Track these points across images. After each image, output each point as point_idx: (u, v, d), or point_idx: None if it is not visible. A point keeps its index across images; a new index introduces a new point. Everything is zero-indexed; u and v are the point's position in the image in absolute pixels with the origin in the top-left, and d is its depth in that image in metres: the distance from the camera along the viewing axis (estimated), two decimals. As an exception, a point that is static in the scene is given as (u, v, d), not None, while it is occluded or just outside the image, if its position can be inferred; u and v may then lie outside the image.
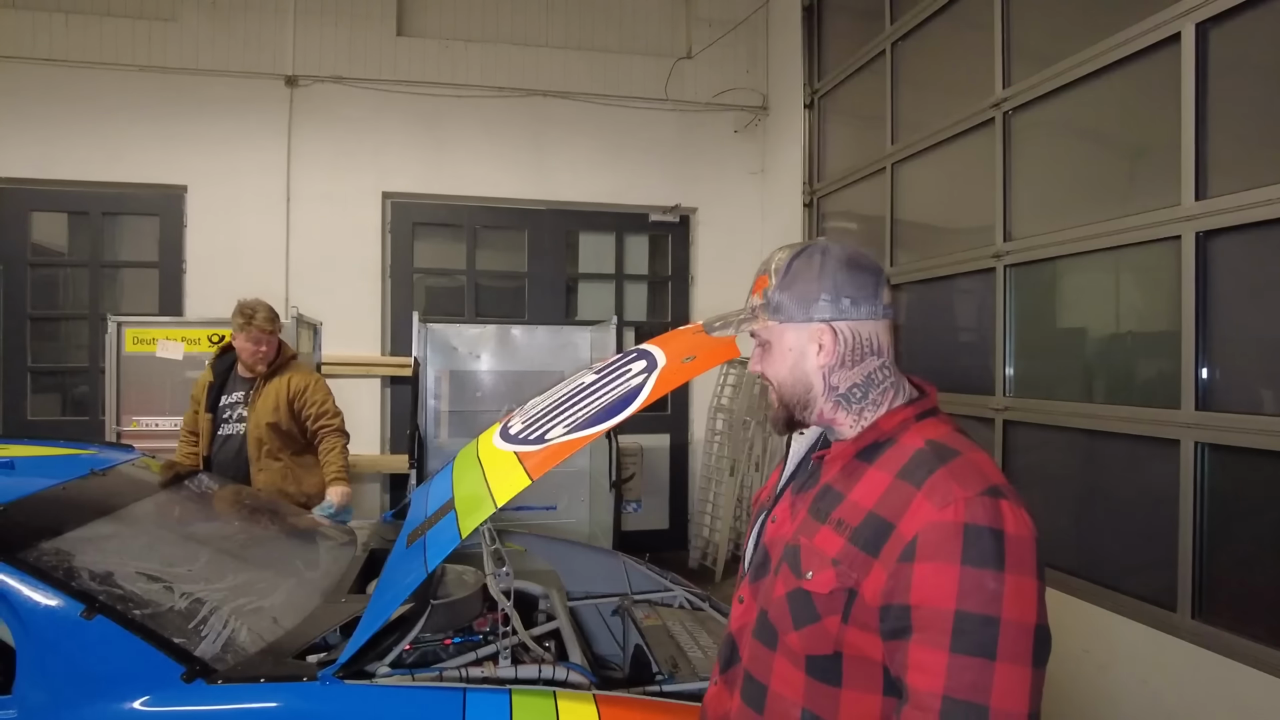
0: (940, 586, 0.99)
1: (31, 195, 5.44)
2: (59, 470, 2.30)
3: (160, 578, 1.97)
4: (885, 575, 1.04)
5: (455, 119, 5.85)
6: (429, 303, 6.11)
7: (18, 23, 5.29)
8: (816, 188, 5.50)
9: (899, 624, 1.02)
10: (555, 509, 4.99)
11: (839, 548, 1.09)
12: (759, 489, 1.43)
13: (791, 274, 1.20)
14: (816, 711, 1.11)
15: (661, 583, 3.27)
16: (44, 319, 5.58)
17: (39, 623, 1.67)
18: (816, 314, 1.17)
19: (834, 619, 1.08)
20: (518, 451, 2.10)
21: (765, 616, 1.19)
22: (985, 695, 0.96)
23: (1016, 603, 0.99)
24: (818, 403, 1.20)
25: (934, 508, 1.03)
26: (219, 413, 3.70)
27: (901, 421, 1.17)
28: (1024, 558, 1.01)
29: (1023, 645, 0.98)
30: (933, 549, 1.01)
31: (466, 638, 2.32)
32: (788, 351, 1.20)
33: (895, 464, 1.11)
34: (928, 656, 0.99)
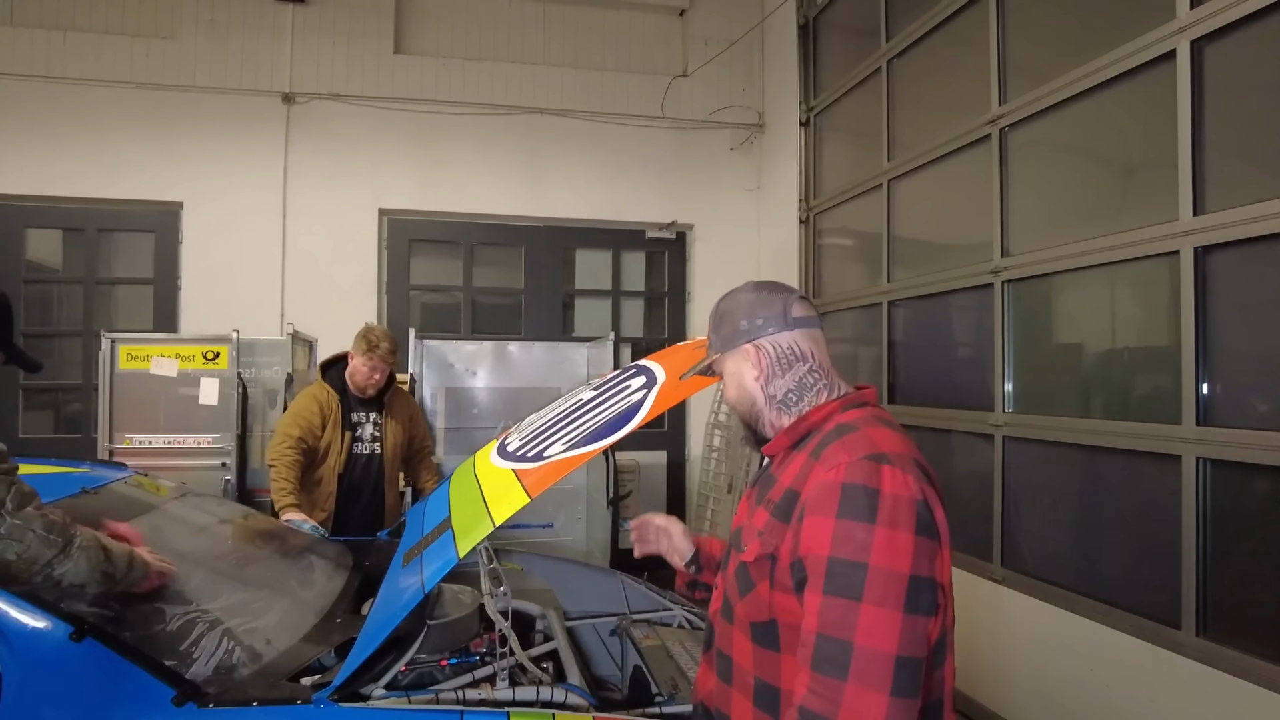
0: (818, 537, 1.13)
1: (27, 212, 5.43)
2: (50, 488, 2.26)
3: (151, 599, 1.93)
4: (790, 536, 1.19)
5: (452, 136, 5.86)
6: (425, 319, 6.09)
7: (15, 40, 5.29)
8: (813, 204, 5.51)
9: (799, 576, 1.16)
10: (553, 527, 4.94)
11: (764, 521, 1.26)
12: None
13: (719, 315, 1.44)
14: (764, 678, 1.25)
15: (660, 602, 3.23)
16: (37, 336, 5.54)
17: (26, 645, 1.63)
18: (740, 338, 1.38)
19: (764, 585, 1.22)
20: (516, 469, 2.08)
21: (725, 596, 1.34)
22: (851, 632, 1.07)
23: (887, 552, 1.09)
24: (765, 413, 1.38)
25: (823, 471, 1.17)
26: (352, 430, 3.66)
27: (827, 414, 1.31)
28: (899, 514, 1.11)
29: (891, 591, 1.07)
30: (815, 504, 1.15)
31: (463, 658, 2.28)
32: (732, 376, 1.41)
33: (811, 447, 1.27)
34: (811, 599, 1.12)
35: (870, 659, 1.05)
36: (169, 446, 4.28)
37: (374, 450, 3.70)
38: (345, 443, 3.61)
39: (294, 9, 5.58)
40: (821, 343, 1.40)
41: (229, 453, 4.29)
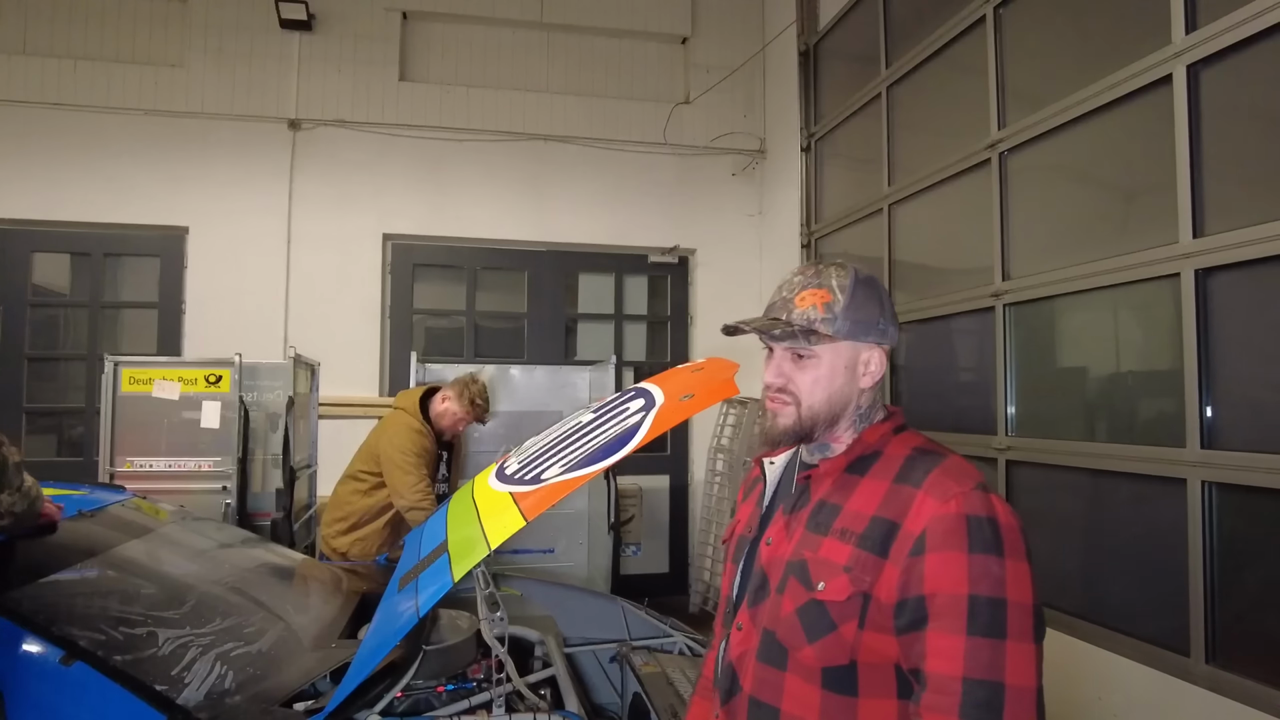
0: (952, 574, 1.06)
1: (34, 236, 5.48)
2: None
3: (144, 622, 1.92)
4: (898, 572, 1.09)
5: (456, 162, 5.90)
6: (429, 344, 6.10)
7: (27, 68, 5.37)
8: (814, 229, 5.53)
9: (915, 615, 1.07)
10: (553, 552, 4.91)
11: (848, 555, 1.14)
12: (729, 525, 1.47)
13: (857, 296, 1.23)
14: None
15: (661, 629, 3.20)
16: (42, 359, 5.57)
17: (15, 669, 1.62)
18: (875, 337, 1.25)
19: (850, 625, 1.12)
20: (513, 492, 2.06)
21: (772, 637, 1.20)
22: (1000, 673, 1.02)
23: (1017, 585, 1.06)
24: (844, 420, 1.26)
25: (937, 502, 1.10)
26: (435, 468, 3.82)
27: (882, 436, 1.25)
28: (1017, 543, 1.09)
29: (1026, 624, 1.05)
30: (941, 539, 1.07)
31: (460, 685, 2.25)
32: (842, 369, 1.24)
33: (888, 472, 1.19)
34: (945, 642, 1.04)
35: (1020, 698, 1.03)
36: (170, 470, 4.27)
37: (443, 490, 3.88)
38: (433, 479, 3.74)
39: (300, 37, 5.66)
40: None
41: (230, 476, 4.27)
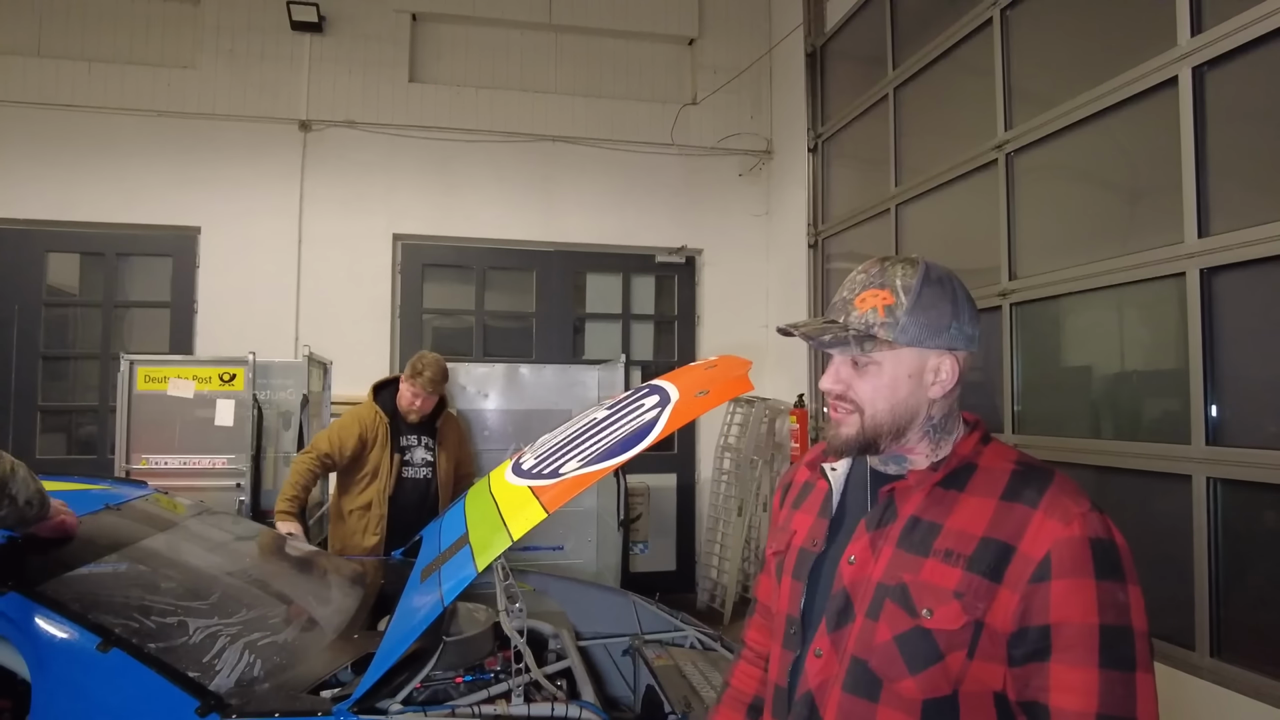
0: (1081, 602, 0.99)
1: (48, 236, 5.53)
2: (74, 504, 2.30)
3: (175, 612, 1.97)
4: (1016, 599, 1.01)
5: (466, 163, 5.95)
6: (438, 343, 6.15)
7: (41, 70, 5.43)
8: (821, 229, 5.57)
9: (1037, 645, 1.00)
10: (563, 549, 4.95)
11: (957, 579, 1.05)
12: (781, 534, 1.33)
13: (925, 297, 1.12)
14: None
15: (672, 623, 3.24)
16: (56, 358, 5.63)
17: (55, 655, 1.67)
18: (945, 342, 1.13)
19: (959, 655, 1.04)
20: (532, 486, 2.10)
21: (864, 666, 1.10)
22: (1133, 707, 0.97)
23: (1139, 611, 1.01)
24: (912, 432, 1.15)
25: (1059, 524, 1.02)
26: (401, 453, 3.71)
27: (974, 447, 1.16)
28: (1132, 567, 1.04)
29: (1148, 652, 1.00)
30: (1068, 566, 1.00)
31: (479, 676, 2.29)
32: (905, 378, 1.14)
33: (991, 488, 1.10)
34: (1076, 675, 0.98)
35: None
36: (185, 467, 4.33)
37: (426, 475, 3.77)
38: (394, 465, 3.65)
39: (311, 39, 5.71)
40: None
41: (244, 473, 4.33)
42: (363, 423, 3.61)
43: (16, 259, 5.51)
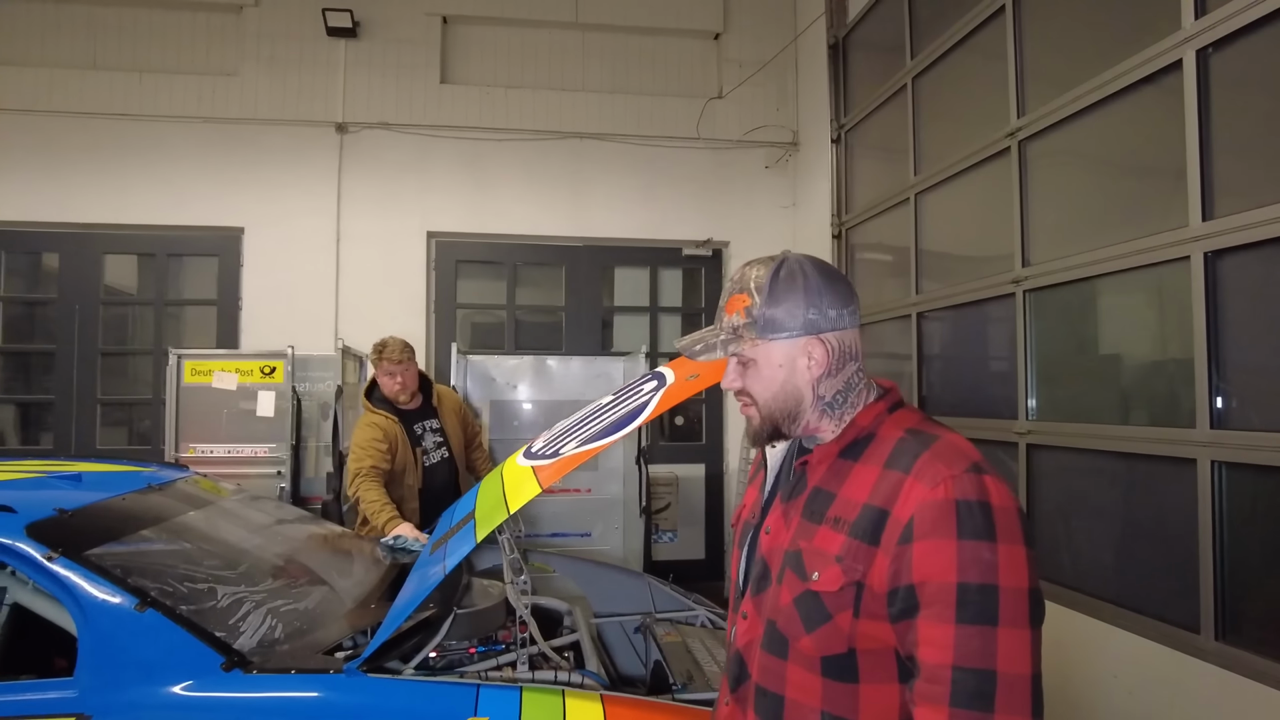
0: (940, 562, 1.04)
1: (105, 239, 5.86)
2: (121, 484, 2.51)
3: (206, 579, 2.14)
4: (888, 561, 1.08)
5: (496, 161, 6.11)
6: (474, 338, 6.35)
7: (96, 82, 5.74)
8: (845, 220, 5.61)
9: (906, 604, 1.07)
10: (590, 535, 5.09)
11: (840, 544, 1.13)
12: (736, 508, 1.46)
13: (777, 291, 1.21)
14: (836, 712, 1.14)
15: (684, 603, 3.35)
16: (114, 355, 5.95)
17: (99, 613, 1.85)
18: (807, 328, 1.21)
19: (845, 615, 1.12)
20: (534, 466, 2.24)
21: (774, 627, 1.20)
22: (992, 661, 1.01)
23: (1011, 570, 1.04)
24: (805, 414, 1.24)
25: (925, 488, 1.08)
26: (418, 445, 3.79)
27: (876, 416, 1.23)
28: (1011, 526, 1.06)
29: (1020, 610, 1.03)
30: (929, 526, 1.06)
31: (490, 647, 2.43)
32: (778, 368, 1.22)
33: (880, 456, 1.16)
34: (935, 631, 1.03)
35: (1013, 685, 1.02)
36: (229, 456, 4.57)
37: (443, 455, 3.89)
38: (418, 460, 3.75)
39: (346, 44, 5.93)
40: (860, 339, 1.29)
41: (284, 461, 4.55)
42: (382, 428, 3.64)
43: (77, 261, 5.85)
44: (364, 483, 3.42)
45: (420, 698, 1.87)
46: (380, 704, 1.83)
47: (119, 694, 1.78)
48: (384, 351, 3.69)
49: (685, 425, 6.64)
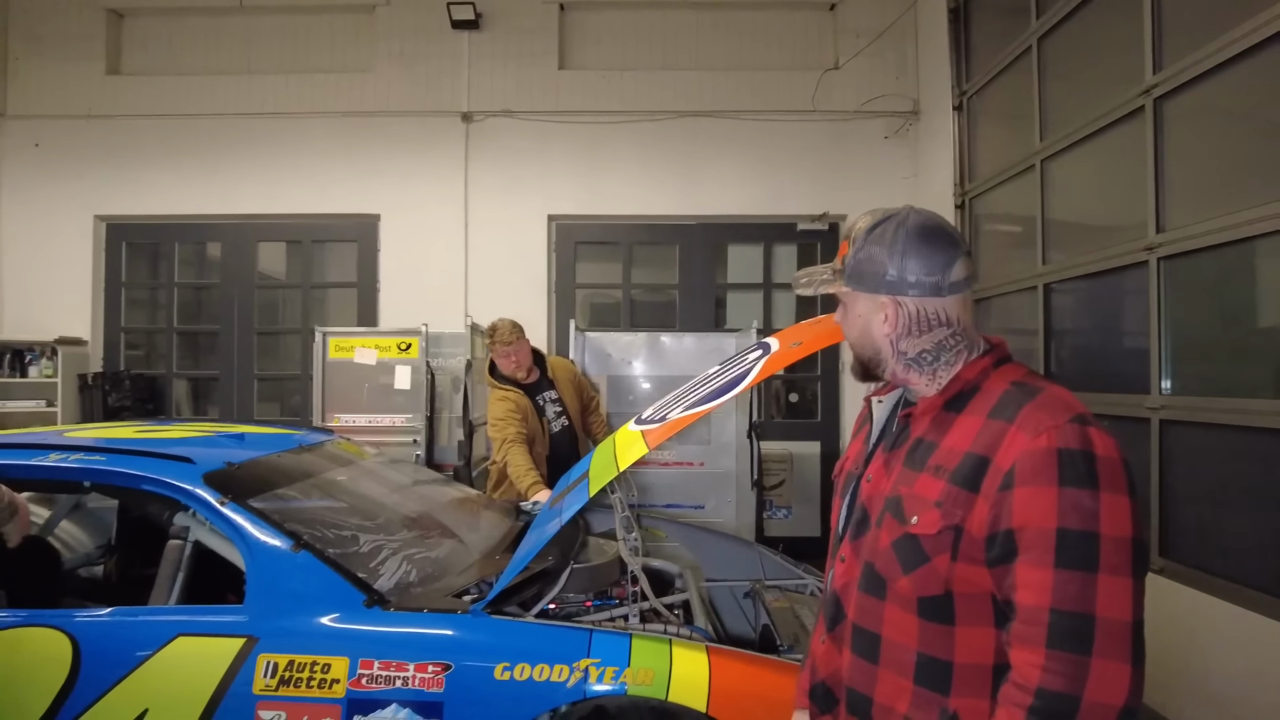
0: (1040, 508, 1.06)
1: (259, 228, 6.43)
2: (276, 444, 2.82)
3: (349, 528, 2.39)
4: (988, 507, 1.11)
5: (612, 144, 6.26)
6: (592, 317, 6.56)
7: (250, 85, 6.28)
8: (968, 189, 5.42)
9: (1004, 549, 1.09)
10: (703, 508, 5.18)
11: (940, 490, 1.16)
12: (839, 461, 1.50)
13: (867, 244, 1.25)
14: (931, 652, 1.17)
15: (795, 572, 3.39)
16: (267, 334, 6.53)
17: (261, 552, 2.11)
18: (882, 288, 1.24)
19: (943, 558, 1.15)
20: (643, 430, 2.35)
21: (872, 569, 1.25)
22: (1090, 605, 1.03)
23: (1113, 518, 1.05)
24: (888, 364, 1.29)
25: (1028, 437, 1.10)
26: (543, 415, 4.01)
27: (981, 370, 1.24)
28: (1115, 476, 1.07)
29: (1122, 558, 1.05)
30: (1030, 474, 1.08)
31: (604, 601, 2.58)
32: (857, 317, 1.29)
33: (984, 407, 1.19)
34: (1033, 574, 1.06)
35: (1113, 630, 1.03)
36: (370, 425, 4.96)
37: (564, 423, 4.09)
38: (545, 428, 3.98)
39: (469, 35, 6.21)
40: (969, 303, 1.27)
41: (419, 430, 4.90)
42: (514, 401, 3.88)
43: (235, 249, 6.45)
44: (512, 448, 3.68)
45: (537, 638, 2.03)
46: (501, 642, 2.00)
47: (279, 621, 2.03)
48: (495, 334, 3.92)
49: (800, 403, 6.62)
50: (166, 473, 2.25)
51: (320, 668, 1.96)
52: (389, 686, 1.94)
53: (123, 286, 6.53)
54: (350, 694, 1.94)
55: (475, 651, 1.98)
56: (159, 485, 2.23)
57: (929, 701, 1.17)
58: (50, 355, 5.99)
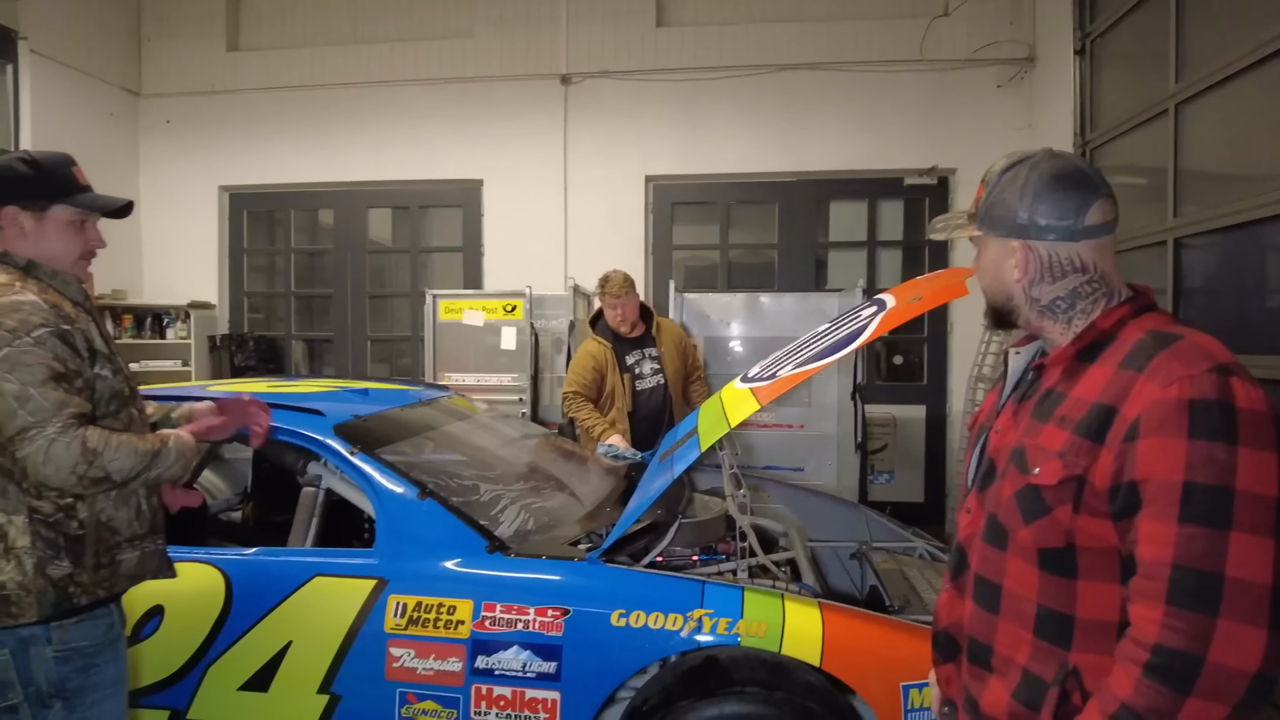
0: (1166, 460, 1.01)
1: (368, 195, 6.67)
2: (398, 399, 2.96)
3: (469, 478, 2.49)
4: (1112, 458, 1.07)
5: (709, 100, 6.17)
6: (688, 279, 6.54)
7: (357, 55, 6.48)
8: (1089, 138, 5.10)
9: (1127, 502, 1.05)
10: (804, 470, 5.15)
11: (1064, 441, 1.13)
12: (974, 413, 1.47)
13: (1000, 187, 1.23)
14: (1052, 605, 1.15)
15: (903, 535, 3.34)
16: (378, 297, 6.81)
17: (389, 499, 2.23)
18: (1013, 232, 1.21)
19: (1064, 509, 1.11)
20: (752, 387, 2.35)
21: (994, 520, 1.23)
22: (1219, 563, 0.97)
23: (1253, 475, 0.99)
24: (1021, 310, 1.26)
25: (1157, 387, 1.04)
26: (630, 371, 4.09)
27: (1119, 319, 1.18)
28: (1258, 431, 1.01)
29: (1262, 517, 0.98)
30: (1156, 425, 1.03)
31: (711, 556, 2.61)
32: (990, 262, 1.27)
33: (1116, 357, 1.14)
34: (1155, 527, 1.01)
35: (1245, 592, 0.96)
36: (478, 384, 5.12)
37: (658, 382, 4.13)
38: (627, 385, 4.03)
39: (568, -5, 6.22)
40: (1109, 249, 1.21)
41: (524, 389, 5.04)
42: (593, 356, 4.00)
43: (347, 216, 6.72)
44: (573, 402, 3.96)
45: (652, 587, 2.08)
46: (617, 590, 2.06)
47: (406, 564, 2.15)
48: (606, 285, 4.00)
49: (905, 365, 6.46)
50: (300, 424, 2.40)
51: (446, 609, 2.07)
52: (510, 629, 2.03)
53: (244, 253, 6.91)
54: (474, 635, 2.04)
55: (592, 598, 2.05)
56: (293, 436, 2.38)
57: (1048, 654, 1.15)
58: (184, 319, 6.42)
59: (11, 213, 1.69)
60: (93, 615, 1.69)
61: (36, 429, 1.53)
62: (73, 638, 1.65)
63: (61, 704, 1.64)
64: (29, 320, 1.58)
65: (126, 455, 1.61)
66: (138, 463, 1.63)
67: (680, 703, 1.94)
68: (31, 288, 1.65)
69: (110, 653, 1.72)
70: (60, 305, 1.67)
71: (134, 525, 1.75)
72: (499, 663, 2.01)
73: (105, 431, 1.62)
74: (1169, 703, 0.98)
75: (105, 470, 1.58)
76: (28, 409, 1.53)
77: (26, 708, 1.62)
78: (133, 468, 1.63)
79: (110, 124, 6.50)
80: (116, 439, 1.62)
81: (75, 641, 1.65)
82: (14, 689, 1.61)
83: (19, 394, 1.53)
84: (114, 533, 1.71)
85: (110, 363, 1.74)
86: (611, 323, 4.05)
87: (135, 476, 1.65)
